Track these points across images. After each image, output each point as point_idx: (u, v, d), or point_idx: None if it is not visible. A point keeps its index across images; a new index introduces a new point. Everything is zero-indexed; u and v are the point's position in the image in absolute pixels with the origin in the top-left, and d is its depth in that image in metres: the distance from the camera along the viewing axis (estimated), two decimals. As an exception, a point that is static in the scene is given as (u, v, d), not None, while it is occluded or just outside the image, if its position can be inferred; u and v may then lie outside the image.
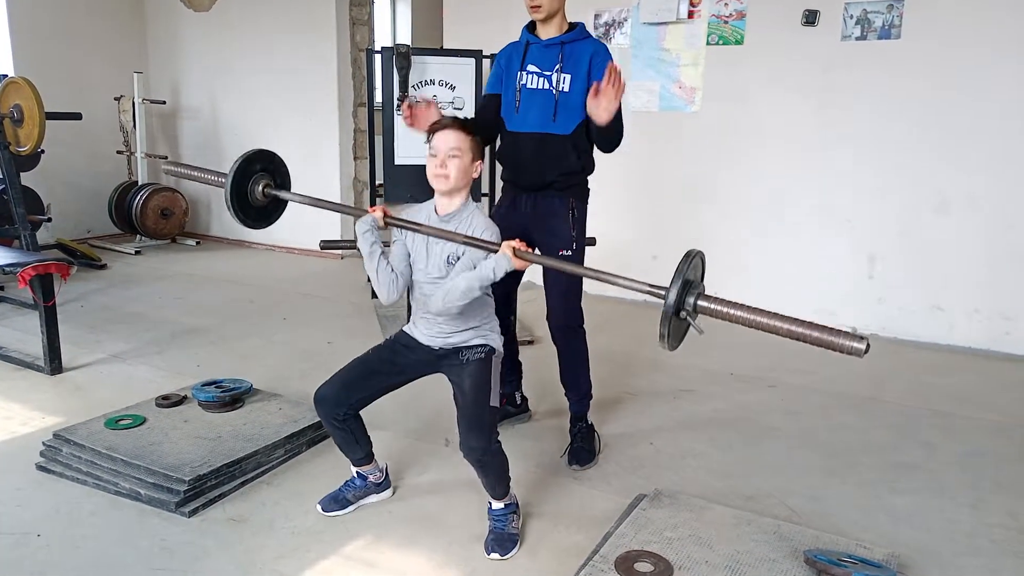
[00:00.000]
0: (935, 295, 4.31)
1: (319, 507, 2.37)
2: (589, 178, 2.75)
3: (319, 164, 6.31)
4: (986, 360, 4.12)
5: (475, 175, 2.17)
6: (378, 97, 4.22)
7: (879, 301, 4.44)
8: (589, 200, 2.76)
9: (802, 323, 1.73)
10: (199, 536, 2.24)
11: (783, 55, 4.49)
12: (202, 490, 2.41)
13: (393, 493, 2.50)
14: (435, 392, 2.77)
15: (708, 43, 4.67)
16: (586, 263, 4.83)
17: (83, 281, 5.21)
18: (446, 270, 2.14)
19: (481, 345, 2.23)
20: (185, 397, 2.96)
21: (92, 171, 6.64)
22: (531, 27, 2.64)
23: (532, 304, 3.18)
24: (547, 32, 2.58)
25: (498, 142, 2.75)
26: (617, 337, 4.32)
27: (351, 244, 4.38)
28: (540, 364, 3.44)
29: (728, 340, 4.36)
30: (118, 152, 6.65)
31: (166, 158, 6.97)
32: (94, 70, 6.56)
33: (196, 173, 2.41)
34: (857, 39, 4.26)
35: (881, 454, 2.93)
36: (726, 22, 4.61)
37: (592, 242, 3.91)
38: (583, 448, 2.72)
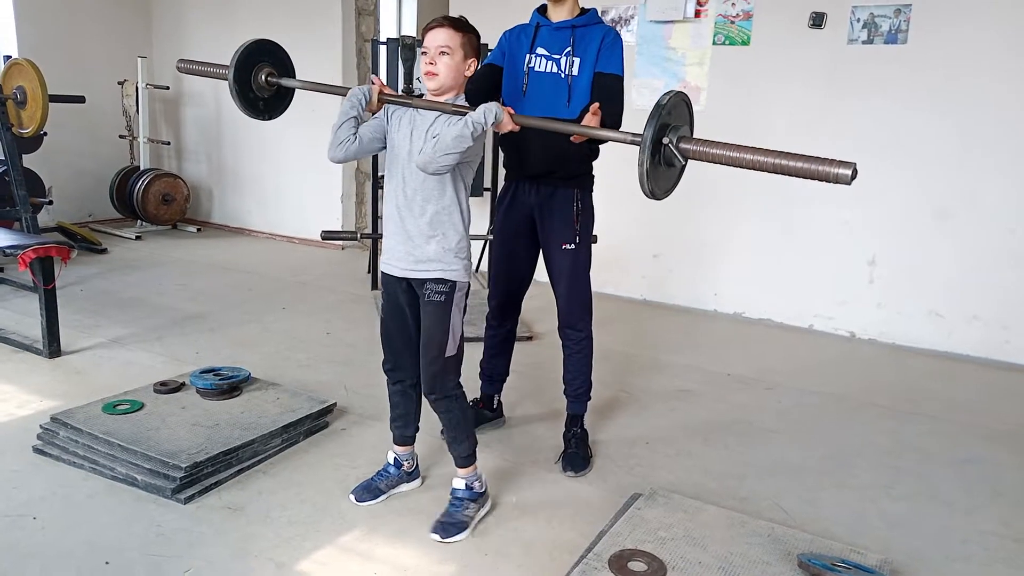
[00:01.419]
0: (934, 301, 4.31)
1: (352, 497, 2.38)
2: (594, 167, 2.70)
3: (321, 153, 6.26)
4: (984, 368, 4.12)
5: (468, 73, 2.13)
6: (383, 88, 4.19)
7: (878, 306, 4.45)
8: (594, 191, 2.72)
9: (786, 155, 1.72)
10: (195, 523, 2.25)
11: (789, 57, 4.48)
12: (198, 477, 2.41)
13: (422, 483, 2.52)
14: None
15: (714, 43, 4.67)
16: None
17: (83, 265, 5.21)
18: (430, 143, 2.08)
19: (441, 280, 2.17)
20: (183, 384, 2.96)
21: (94, 155, 6.63)
22: (542, 9, 2.57)
23: (533, 300, 3.17)
24: (558, 15, 2.52)
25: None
26: (616, 336, 4.32)
27: (352, 235, 4.41)
28: (538, 360, 3.45)
29: (726, 340, 4.38)
30: (120, 136, 6.64)
31: (168, 143, 6.97)
32: (98, 54, 6.54)
33: (205, 68, 2.54)
34: (864, 43, 4.26)
35: (877, 459, 2.94)
36: (733, 22, 4.61)
37: (593, 240, 3.92)
38: (577, 454, 2.69)
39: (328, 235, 4.01)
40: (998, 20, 3.96)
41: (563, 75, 2.49)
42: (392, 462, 2.45)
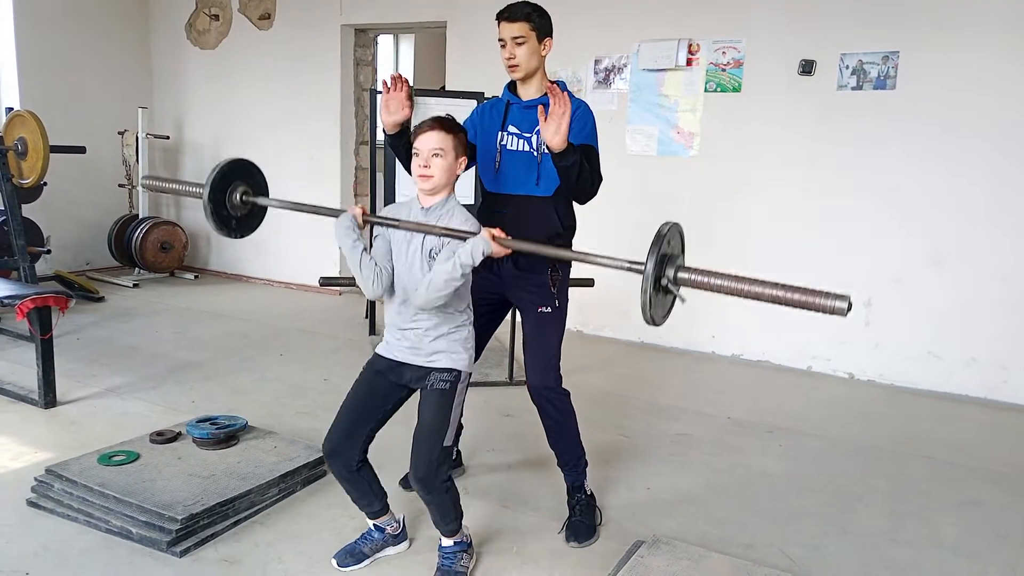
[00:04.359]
0: (931, 343, 4.32)
1: (334, 562, 2.28)
2: (575, 239, 2.66)
3: (320, 201, 6.31)
4: (983, 409, 4.11)
5: (459, 172, 2.15)
6: (379, 136, 4.25)
7: (875, 347, 4.45)
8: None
9: (783, 287, 1.73)
10: (190, 577, 2.21)
11: (780, 103, 4.56)
12: (194, 530, 2.38)
13: (410, 545, 2.42)
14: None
15: (706, 90, 4.75)
16: (580, 307, 4.82)
17: (80, 313, 5.20)
18: (428, 264, 2.09)
19: (447, 370, 2.16)
20: (179, 433, 2.94)
21: (93, 204, 6.67)
22: (512, 86, 2.59)
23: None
24: (527, 93, 2.54)
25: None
26: (613, 379, 4.31)
27: (350, 281, 4.42)
28: (529, 405, 3.42)
29: (725, 383, 4.37)
30: (120, 185, 6.69)
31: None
32: (99, 104, 6.63)
33: (174, 186, 2.48)
34: (853, 88, 4.34)
35: (879, 502, 2.92)
36: (724, 70, 4.70)
37: (590, 283, 3.94)
38: (582, 523, 2.56)
39: (326, 281, 4.02)
40: (984, 67, 4.05)
41: (534, 153, 2.50)
42: (373, 528, 2.35)
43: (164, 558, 2.28)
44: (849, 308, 1.63)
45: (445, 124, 2.11)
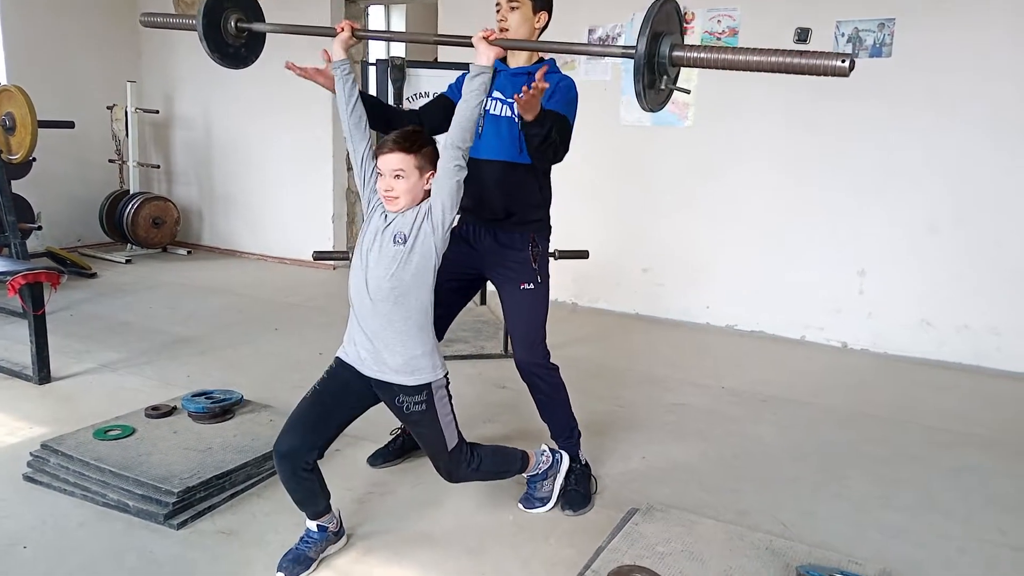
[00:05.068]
0: (924, 310, 4.33)
1: (282, 575, 2.10)
2: (552, 213, 2.64)
3: (313, 173, 6.31)
4: (976, 375, 4.14)
5: (427, 187, 2.07)
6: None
7: (869, 316, 4.47)
8: (551, 235, 2.65)
9: (782, 52, 1.69)
10: (188, 549, 2.22)
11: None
12: (191, 502, 2.39)
13: (347, 540, 2.30)
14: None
15: (701, 59, 4.70)
16: (574, 279, 4.83)
17: (73, 290, 5.18)
18: (393, 251, 2.02)
19: (416, 388, 2.08)
20: (175, 408, 2.94)
21: (84, 179, 6.62)
22: (502, 57, 2.53)
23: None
24: (515, 60, 2.54)
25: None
26: (608, 350, 4.32)
27: (344, 255, 4.40)
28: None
29: (719, 353, 4.39)
30: (110, 161, 6.63)
31: (158, 167, 6.96)
32: (87, 79, 6.55)
33: (171, 20, 2.52)
34: (848, 56, 4.30)
35: (872, 469, 2.94)
36: (719, 38, 4.65)
37: (585, 255, 3.94)
38: (577, 491, 2.57)
39: (320, 255, 4.00)
40: (980, 33, 4.02)
41: (517, 119, 2.45)
42: (315, 528, 2.18)
43: (162, 530, 2.30)
44: (851, 67, 1.57)
45: (405, 143, 2.02)
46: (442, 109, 2.53)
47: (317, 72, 2.43)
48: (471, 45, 2.08)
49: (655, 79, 1.84)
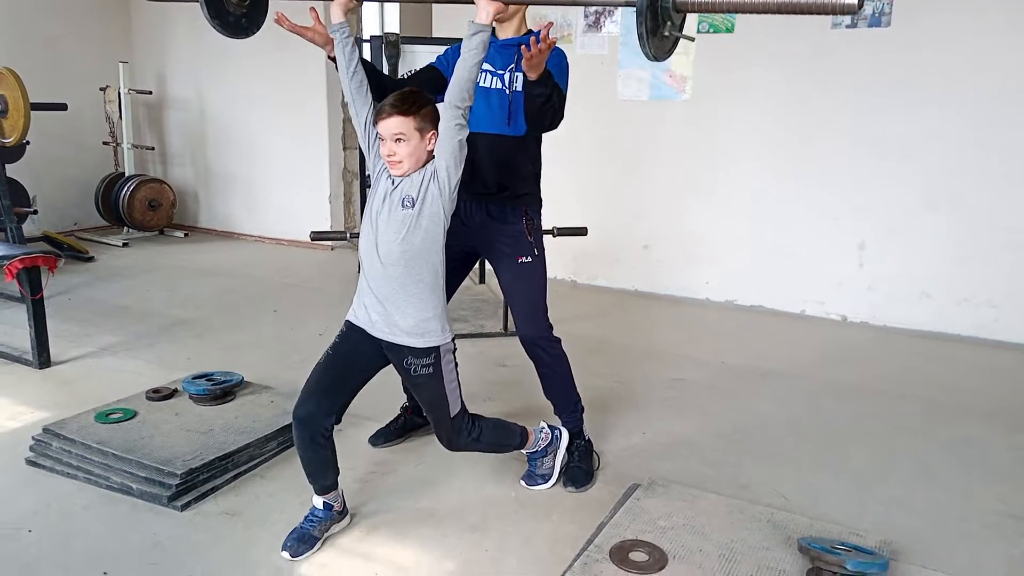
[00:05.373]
0: (924, 283, 4.33)
1: (287, 554, 2.11)
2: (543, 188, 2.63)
3: (308, 153, 6.27)
4: (974, 347, 4.15)
5: (430, 148, 2.06)
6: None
7: (869, 289, 4.46)
8: (543, 210, 2.63)
9: None
10: (192, 530, 2.23)
11: (773, 43, 4.48)
12: (194, 484, 2.39)
13: (351, 520, 2.31)
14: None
15: (699, 31, 4.66)
16: (573, 257, 4.82)
17: (70, 274, 5.16)
18: (402, 215, 2.03)
19: (425, 349, 2.10)
20: (176, 390, 2.94)
21: (78, 162, 6.57)
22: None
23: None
24: (504, 32, 2.50)
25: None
26: (608, 327, 4.32)
27: (341, 235, 4.38)
28: (521, 351, 3.43)
29: (719, 328, 4.39)
30: (104, 143, 6.58)
31: (153, 148, 6.91)
32: (79, 60, 6.47)
33: None
34: (847, 27, 4.26)
35: (872, 441, 2.95)
36: (716, 10, 4.60)
37: (583, 232, 3.92)
38: (580, 468, 2.58)
39: (317, 236, 3.98)
40: (980, 6, 3.97)
41: (507, 91, 2.46)
42: (321, 506, 2.19)
43: (166, 512, 2.31)
44: (860, 5, 1.56)
45: (403, 106, 2.01)
46: (431, 80, 2.50)
47: (307, 28, 2.38)
48: (471, 1, 2.04)
49: (658, 25, 1.79)
